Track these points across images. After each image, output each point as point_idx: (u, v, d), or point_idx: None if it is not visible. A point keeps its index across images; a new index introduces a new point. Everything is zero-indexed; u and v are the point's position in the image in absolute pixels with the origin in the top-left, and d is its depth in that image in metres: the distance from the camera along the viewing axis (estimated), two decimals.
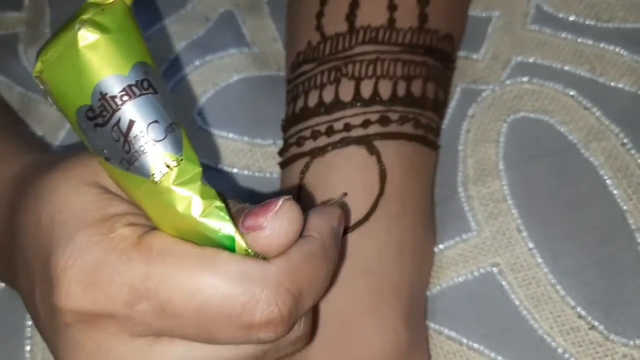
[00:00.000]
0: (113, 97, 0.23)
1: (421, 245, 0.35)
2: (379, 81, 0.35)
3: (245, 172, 0.40)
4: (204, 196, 0.24)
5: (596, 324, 0.34)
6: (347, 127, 0.34)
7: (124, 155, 0.24)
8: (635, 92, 0.38)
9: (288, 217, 0.25)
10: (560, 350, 0.34)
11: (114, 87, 0.23)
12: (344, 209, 0.32)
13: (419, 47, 0.36)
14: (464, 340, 0.35)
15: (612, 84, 0.38)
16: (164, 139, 0.23)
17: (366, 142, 0.34)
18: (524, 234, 0.36)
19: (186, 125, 0.39)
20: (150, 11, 0.44)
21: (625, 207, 0.36)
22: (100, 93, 0.23)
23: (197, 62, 0.42)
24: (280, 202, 0.25)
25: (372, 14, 0.36)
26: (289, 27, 0.40)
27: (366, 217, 0.33)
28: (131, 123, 0.23)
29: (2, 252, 0.31)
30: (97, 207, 0.26)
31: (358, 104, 0.35)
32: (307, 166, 0.35)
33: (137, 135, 0.23)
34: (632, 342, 0.34)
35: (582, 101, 0.38)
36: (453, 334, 0.35)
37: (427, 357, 0.35)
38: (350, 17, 0.36)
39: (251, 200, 0.26)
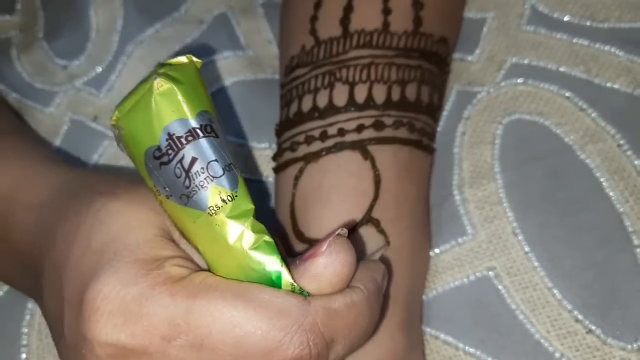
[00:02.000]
0: (179, 137, 0.26)
1: (417, 249, 0.35)
2: (373, 85, 0.35)
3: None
4: (255, 230, 0.26)
5: (593, 327, 0.34)
6: (341, 132, 0.34)
7: (184, 191, 0.26)
8: (631, 93, 0.37)
9: (345, 249, 0.26)
10: (557, 355, 0.34)
11: (181, 129, 0.26)
12: (386, 263, 0.33)
13: (414, 51, 0.36)
14: (461, 345, 0.35)
15: (608, 84, 0.38)
16: (221, 176, 0.26)
17: (360, 147, 0.34)
18: (520, 237, 0.36)
19: None
20: (143, 15, 0.44)
21: (621, 209, 0.35)
22: (168, 134, 0.26)
23: None
24: (336, 234, 0.26)
25: (366, 17, 0.35)
26: (283, 31, 0.40)
27: (360, 223, 0.33)
28: (193, 160, 0.26)
29: (28, 260, 0.31)
30: (152, 247, 0.26)
31: (352, 109, 0.34)
32: (300, 171, 0.35)
33: (197, 171, 0.26)
34: (629, 346, 0.33)
35: (577, 102, 0.38)
36: (449, 339, 0.35)
37: None
38: (345, 21, 0.36)
39: None
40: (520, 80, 0.39)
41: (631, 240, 0.35)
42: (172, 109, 0.26)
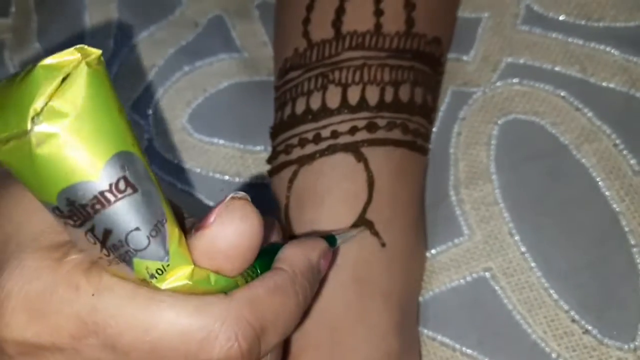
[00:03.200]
0: (83, 206, 0.20)
1: (412, 251, 0.35)
2: (366, 87, 0.35)
3: (237, 179, 0.39)
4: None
5: (590, 327, 0.34)
6: (335, 134, 0.34)
7: (102, 257, 0.22)
8: (627, 92, 0.37)
9: (239, 216, 0.23)
10: (554, 355, 0.34)
11: (83, 195, 0.19)
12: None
13: (406, 52, 0.36)
14: (457, 346, 0.35)
15: (604, 84, 0.38)
16: (146, 247, 0.21)
17: (353, 149, 0.34)
18: (516, 237, 0.36)
19: (176, 132, 0.40)
20: (137, 17, 0.44)
21: (617, 209, 0.35)
22: (67, 199, 0.19)
23: (187, 68, 0.42)
24: (229, 197, 0.23)
25: (358, 19, 0.35)
26: (277, 33, 0.40)
27: (355, 225, 0.33)
28: (107, 233, 0.20)
29: None
30: (56, 231, 0.24)
31: (345, 111, 0.34)
32: (295, 174, 0.35)
33: (115, 244, 0.21)
34: (626, 346, 0.33)
35: (573, 102, 0.37)
36: (446, 340, 0.35)
37: None
38: (337, 23, 0.36)
39: None
40: (515, 80, 0.39)
41: (627, 239, 0.35)
42: (66, 169, 0.19)
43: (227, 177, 0.39)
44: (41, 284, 0.23)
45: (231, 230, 0.23)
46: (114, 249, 0.21)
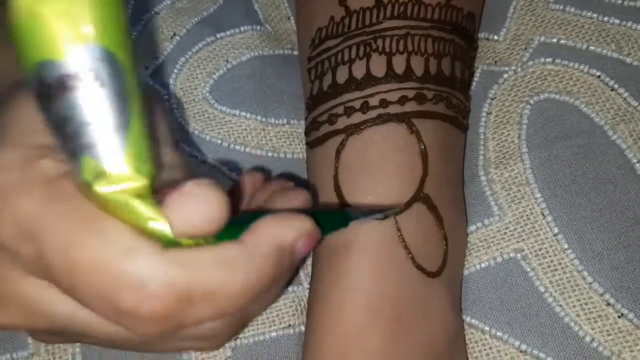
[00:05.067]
0: (49, 86, 0.19)
1: (457, 228, 0.34)
2: (411, 57, 0.33)
3: (258, 152, 0.38)
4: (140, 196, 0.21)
5: (625, 311, 0.33)
6: (384, 103, 0.33)
7: (62, 149, 0.21)
8: None
9: (201, 198, 0.22)
10: (587, 339, 0.33)
11: (50, 73, 0.19)
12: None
13: (447, 24, 0.34)
14: (487, 328, 0.34)
15: None
16: (97, 145, 0.20)
17: (405, 119, 0.33)
18: (549, 218, 0.35)
19: (197, 103, 0.39)
20: None
21: None
22: (39, 76, 0.20)
23: (208, 39, 0.41)
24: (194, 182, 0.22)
25: None
26: (306, 3, 0.38)
27: (413, 199, 0.32)
28: (65, 120, 0.20)
29: None
30: (44, 133, 0.22)
31: (392, 80, 0.33)
32: (342, 144, 0.33)
33: (70, 135, 0.20)
34: None
35: (608, 82, 0.36)
36: (475, 322, 0.34)
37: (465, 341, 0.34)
38: None
39: None
40: (548, 60, 0.38)
41: None
42: (37, 44, 0.19)
43: (248, 149, 0.38)
44: (6, 178, 0.22)
45: (189, 203, 0.22)
46: (68, 139, 0.20)
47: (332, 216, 0.29)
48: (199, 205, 0.22)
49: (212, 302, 0.22)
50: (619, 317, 0.33)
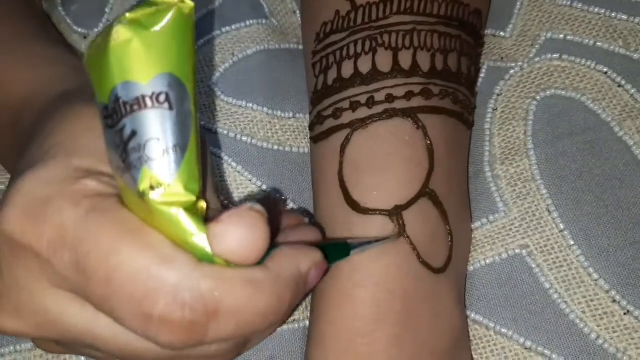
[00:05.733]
0: (125, 103, 0.22)
1: (462, 224, 0.34)
2: (417, 52, 0.33)
3: (265, 145, 0.38)
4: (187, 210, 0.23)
5: (632, 308, 0.33)
6: (390, 98, 0.33)
7: (120, 164, 0.23)
8: None
9: (245, 224, 0.23)
10: (593, 336, 0.33)
11: (129, 93, 0.22)
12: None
13: (454, 20, 0.34)
14: (492, 325, 0.34)
15: None
16: (157, 159, 0.22)
17: (411, 115, 0.32)
18: (555, 214, 0.35)
19: (203, 94, 0.39)
20: None
21: None
22: (116, 96, 0.22)
23: (214, 33, 0.40)
24: (247, 207, 0.23)
25: None
26: None
27: (419, 195, 0.32)
28: (132, 134, 0.22)
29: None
30: (90, 156, 0.25)
31: (398, 75, 0.33)
32: (347, 139, 0.33)
33: (134, 148, 0.22)
34: None
35: (615, 78, 0.36)
36: (480, 318, 0.34)
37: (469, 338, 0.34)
38: None
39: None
40: (555, 56, 0.37)
41: None
42: (125, 67, 0.22)
43: (254, 141, 0.38)
44: (49, 191, 0.23)
45: (235, 234, 0.23)
46: (132, 152, 0.22)
47: (336, 247, 0.30)
48: (247, 232, 0.23)
49: (236, 319, 0.23)
50: (624, 314, 0.33)
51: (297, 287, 0.25)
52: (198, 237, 0.23)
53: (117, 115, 0.22)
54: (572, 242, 0.34)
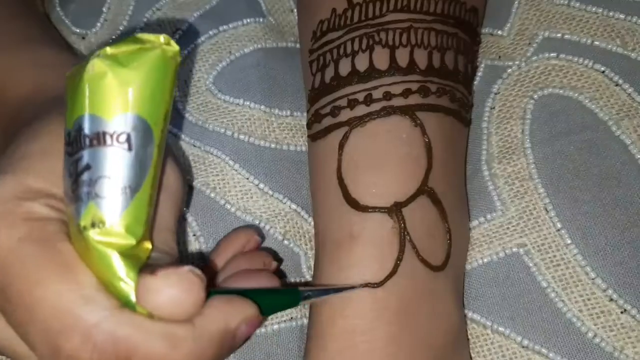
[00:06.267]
0: (86, 136, 0.23)
1: (460, 222, 0.34)
2: (414, 50, 0.33)
3: (262, 143, 0.38)
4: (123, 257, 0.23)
5: (628, 307, 0.33)
6: (387, 96, 0.33)
7: (70, 193, 0.23)
8: None
9: (181, 284, 0.23)
10: (590, 335, 0.33)
11: (92, 126, 0.23)
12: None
13: (450, 18, 0.34)
14: (489, 323, 0.34)
15: None
16: (104, 197, 0.23)
17: (409, 112, 0.32)
18: (552, 213, 0.35)
19: (200, 94, 0.38)
20: None
21: None
22: (79, 126, 0.23)
23: (211, 32, 0.41)
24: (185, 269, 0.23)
25: None
26: None
27: (418, 192, 0.32)
28: (87, 167, 0.23)
29: None
30: (45, 177, 0.25)
31: (396, 73, 0.33)
32: (346, 137, 0.33)
33: (86, 181, 0.23)
34: None
35: (613, 77, 0.36)
36: (477, 317, 0.34)
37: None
38: None
39: None
40: (552, 54, 0.38)
41: None
42: (93, 100, 0.22)
43: (252, 139, 0.38)
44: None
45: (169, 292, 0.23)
46: (82, 184, 0.23)
47: (284, 294, 0.30)
48: (179, 294, 0.23)
49: None
50: (621, 312, 0.33)
51: (221, 343, 0.25)
52: (125, 283, 0.23)
53: (77, 145, 0.23)
54: (569, 241, 0.34)
